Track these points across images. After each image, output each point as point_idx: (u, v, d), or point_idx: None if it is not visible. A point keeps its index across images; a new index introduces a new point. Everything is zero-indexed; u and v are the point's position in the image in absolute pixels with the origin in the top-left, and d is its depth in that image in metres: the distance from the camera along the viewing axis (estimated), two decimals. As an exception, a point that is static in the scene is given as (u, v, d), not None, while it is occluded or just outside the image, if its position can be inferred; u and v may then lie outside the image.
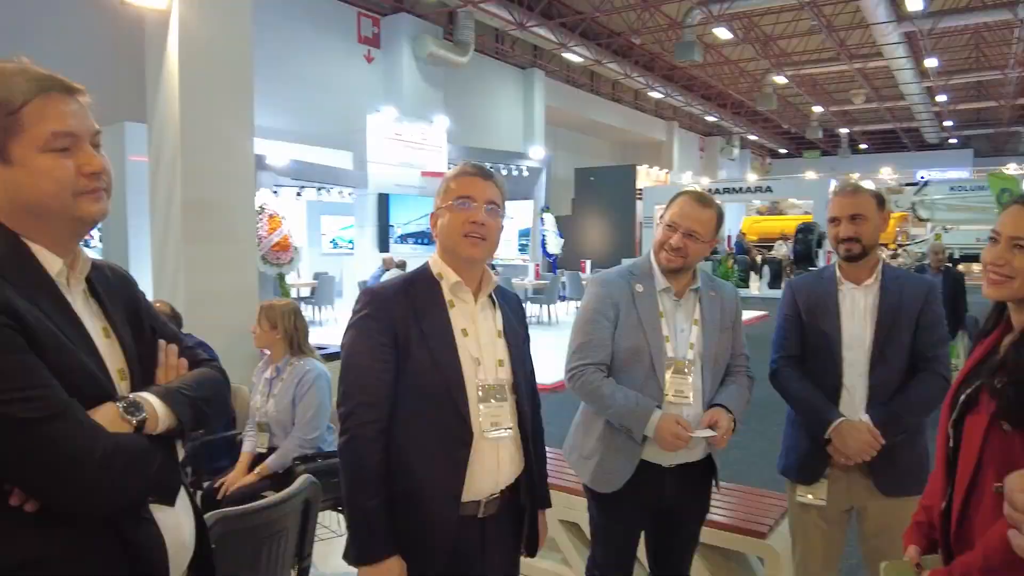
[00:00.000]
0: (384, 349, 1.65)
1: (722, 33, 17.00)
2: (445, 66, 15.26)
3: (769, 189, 21.19)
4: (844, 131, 31.83)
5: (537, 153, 16.14)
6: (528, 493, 1.83)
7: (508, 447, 1.74)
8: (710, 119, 27.75)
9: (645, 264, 2.23)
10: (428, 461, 1.65)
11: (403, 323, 1.67)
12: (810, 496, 2.32)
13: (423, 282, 1.76)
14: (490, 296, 1.83)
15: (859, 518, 2.33)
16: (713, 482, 2.25)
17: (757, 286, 19.23)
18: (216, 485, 3.24)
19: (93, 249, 9.61)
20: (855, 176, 21.85)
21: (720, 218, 2.19)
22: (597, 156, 25.40)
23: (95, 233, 9.67)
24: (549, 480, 3.19)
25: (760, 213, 28.12)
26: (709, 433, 2.04)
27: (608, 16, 17.19)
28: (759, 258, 20.99)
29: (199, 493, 3.38)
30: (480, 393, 1.70)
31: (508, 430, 1.73)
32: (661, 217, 2.22)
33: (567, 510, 3.17)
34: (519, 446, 1.79)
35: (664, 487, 2.15)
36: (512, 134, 18.82)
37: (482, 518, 1.71)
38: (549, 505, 1.98)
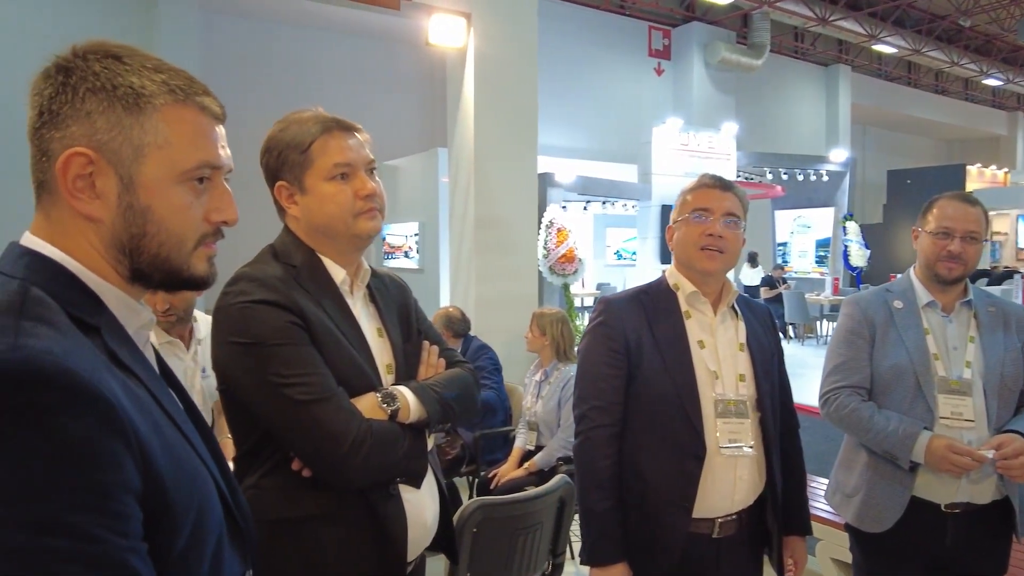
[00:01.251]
0: (616, 356, 1.69)
1: (1086, 1, 14.06)
2: (737, 71, 14.76)
3: None
4: None
5: (839, 156, 14.81)
6: (776, 517, 1.74)
7: (748, 466, 1.68)
8: (1070, 105, 23.01)
9: (904, 280, 2.01)
10: (659, 470, 1.65)
11: (636, 331, 1.69)
12: None
13: (658, 292, 1.77)
14: (733, 308, 1.78)
15: None
16: (1013, 533, 1.91)
17: None
18: (490, 476, 3.56)
19: (411, 259, 10.97)
20: None
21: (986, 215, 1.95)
22: (916, 156, 22.49)
23: (413, 245, 11.04)
24: (819, 513, 2.98)
25: None
26: (992, 453, 1.76)
27: (929, -1, 15.21)
28: None
29: (476, 481, 3.73)
30: (718, 408, 1.66)
31: (749, 449, 1.66)
32: (918, 229, 1.97)
33: (839, 548, 2.90)
34: (762, 467, 1.71)
35: (944, 534, 1.87)
36: (812, 137, 17.52)
37: (717, 538, 1.67)
38: (807, 532, 1.85)
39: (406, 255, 11.12)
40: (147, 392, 0.79)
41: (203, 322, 2.50)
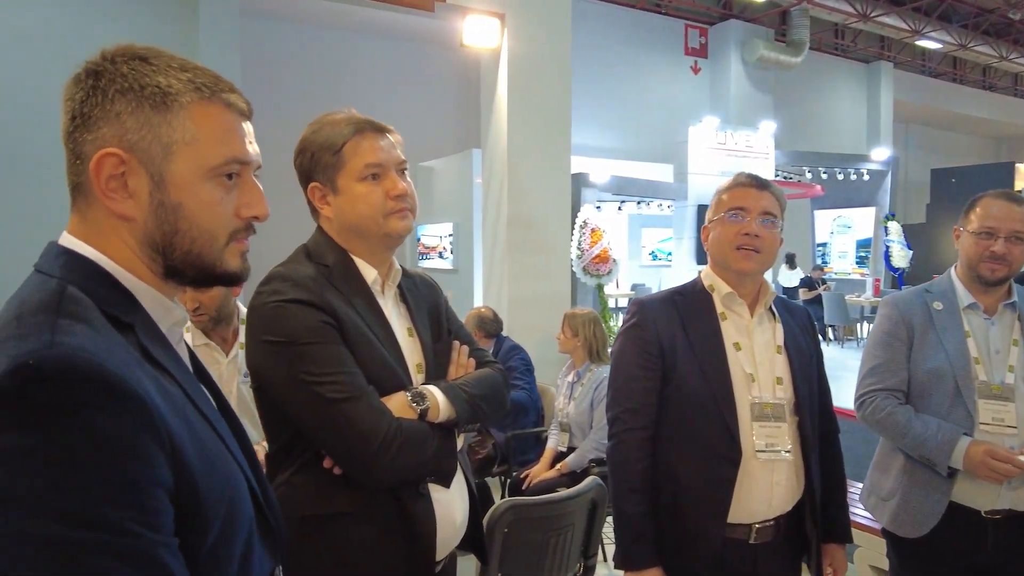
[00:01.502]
0: (649, 358, 1.67)
1: None
2: (776, 69, 14.54)
3: None
4: None
5: (881, 154, 14.48)
6: (814, 523, 1.70)
7: (785, 471, 1.64)
8: None
9: (944, 281, 1.95)
10: (694, 474, 1.63)
11: (669, 333, 1.67)
12: None
13: (693, 293, 1.75)
14: (771, 309, 1.75)
15: None
16: None
17: None
18: (522, 476, 3.55)
19: (445, 259, 11.03)
20: None
21: None
22: (962, 154, 21.89)
23: (447, 245, 11.10)
24: (858, 519, 2.91)
25: None
26: None
27: (976, -8, 14.78)
28: None
29: (508, 481, 3.73)
30: (754, 411, 1.63)
31: (787, 453, 1.63)
32: (960, 229, 1.92)
33: (878, 555, 2.83)
34: (801, 472, 1.68)
35: (985, 540, 1.82)
36: (852, 135, 17.17)
37: (754, 544, 1.64)
38: (847, 539, 1.81)
39: (440, 255, 11.17)
40: (179, 389, 0.80)
41: None
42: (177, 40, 6.32)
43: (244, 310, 2.42)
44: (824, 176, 12.99)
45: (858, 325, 11.78)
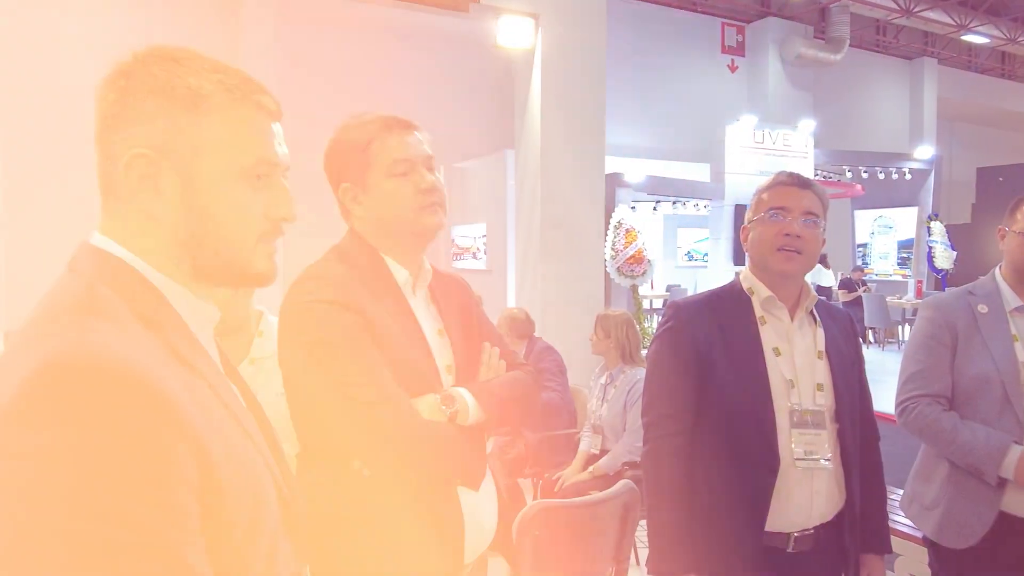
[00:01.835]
0: (686, 363, 1.64)
1: None
2: (815, 67, 14.29)
3: None
4: None
5: (924, 153, 14.11)
6: (853, 533, 1.66)
7: (825, 480, 1.60)
8: None
9: (989, 282, 1.88)
10: (730, 482, 1.59)
11: (707, 338, 1.64)
12: None
13: (731, 297, 1.70)
14: (812, 313, 1.70)
15: None
16: None
17: None
18: (554, 478, 3.53)
19: (479, 260, 11.04)
20: None
21: None
22: (1011, 152, 21.21)
23: (481, 247, 11.11)
24: (899, 527, 2.83)
25: None
26: None
27: (1026, -16, 14.34)
28: None
29: (540, 483, 3.71)
30: (793, 418, 1.59)
31: (827, 461, 1.59)
32: (1005, 229, 1.85)
33: (921, 565, 2.75)
34: (840, 481, 1.64)
35: None
36: (894, 133, 16.78)
37: (792, 553, 1.60)
38: (886, 550, 1.76)
39: (474, 257, 11.20)
40: (208, 388, 0.80)
41: (270, 336, 1.76)
42: (218, 46, 6.44)
43: (268, 319, 1.88)
44: (865, 175, 12.72)
45: (899, 328, 11.50)
